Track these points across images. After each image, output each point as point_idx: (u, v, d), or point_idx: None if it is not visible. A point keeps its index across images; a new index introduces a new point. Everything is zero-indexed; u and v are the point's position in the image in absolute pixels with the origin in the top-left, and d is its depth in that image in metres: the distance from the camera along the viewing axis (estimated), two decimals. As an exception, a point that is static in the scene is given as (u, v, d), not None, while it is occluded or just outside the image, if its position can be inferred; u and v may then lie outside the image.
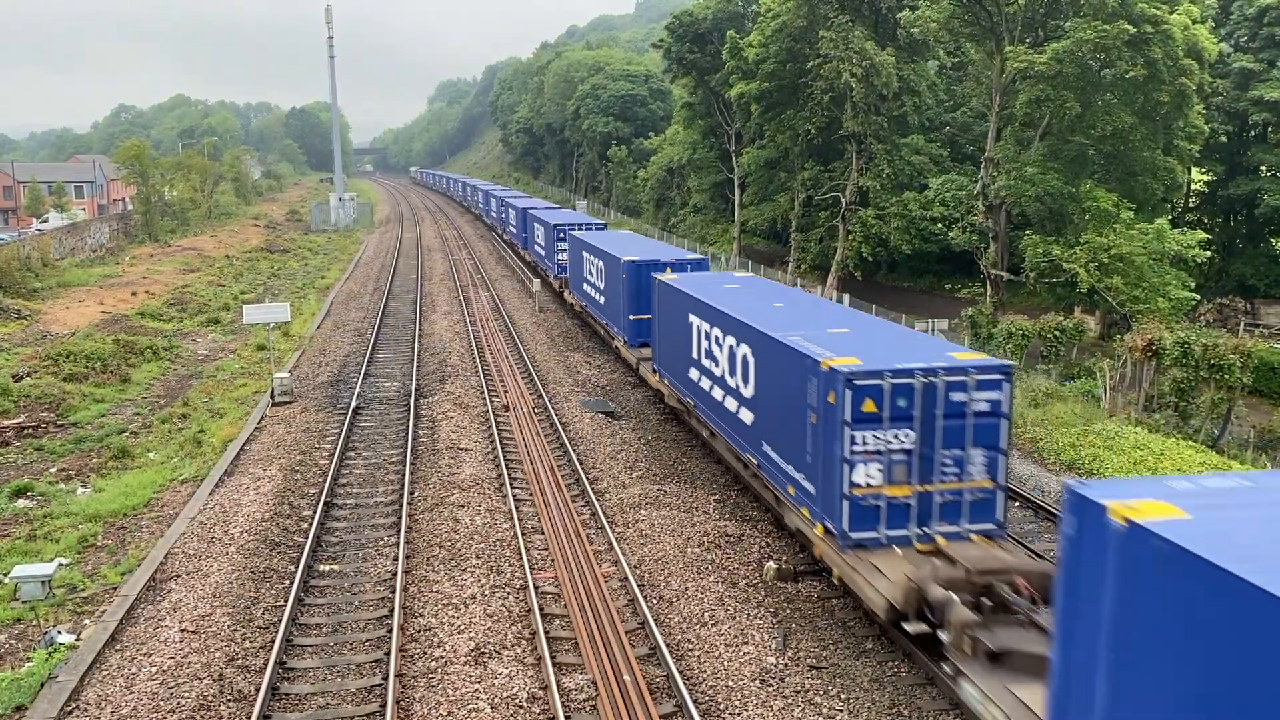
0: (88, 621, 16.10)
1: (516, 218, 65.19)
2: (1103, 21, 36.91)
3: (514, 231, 67.13)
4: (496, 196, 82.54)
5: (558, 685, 13.81)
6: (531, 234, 56.84)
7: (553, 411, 27.97)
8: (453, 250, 75.04)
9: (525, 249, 60.69)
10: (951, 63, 59.11)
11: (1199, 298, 40.91)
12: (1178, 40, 37.57)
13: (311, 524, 19.77)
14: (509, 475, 22.84)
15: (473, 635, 15.39)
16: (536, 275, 54.21)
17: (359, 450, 25.15)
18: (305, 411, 28.69)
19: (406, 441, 25.28)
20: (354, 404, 28.95)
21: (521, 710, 13.41)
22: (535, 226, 54.79)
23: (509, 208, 70.88)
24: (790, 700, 13.54)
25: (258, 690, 13.75)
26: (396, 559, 18.22)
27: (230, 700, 13.61)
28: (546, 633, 15.28)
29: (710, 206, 76.38)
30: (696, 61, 65.45)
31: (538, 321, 43.23)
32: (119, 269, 62.03)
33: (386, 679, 13.92)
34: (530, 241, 57.70)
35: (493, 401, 29.42)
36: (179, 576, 17.64)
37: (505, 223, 73.56)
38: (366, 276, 60.78)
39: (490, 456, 24.46)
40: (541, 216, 53.33)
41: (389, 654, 14.59)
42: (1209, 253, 40.84)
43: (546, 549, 18.89)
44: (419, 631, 15.58)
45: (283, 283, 58.36)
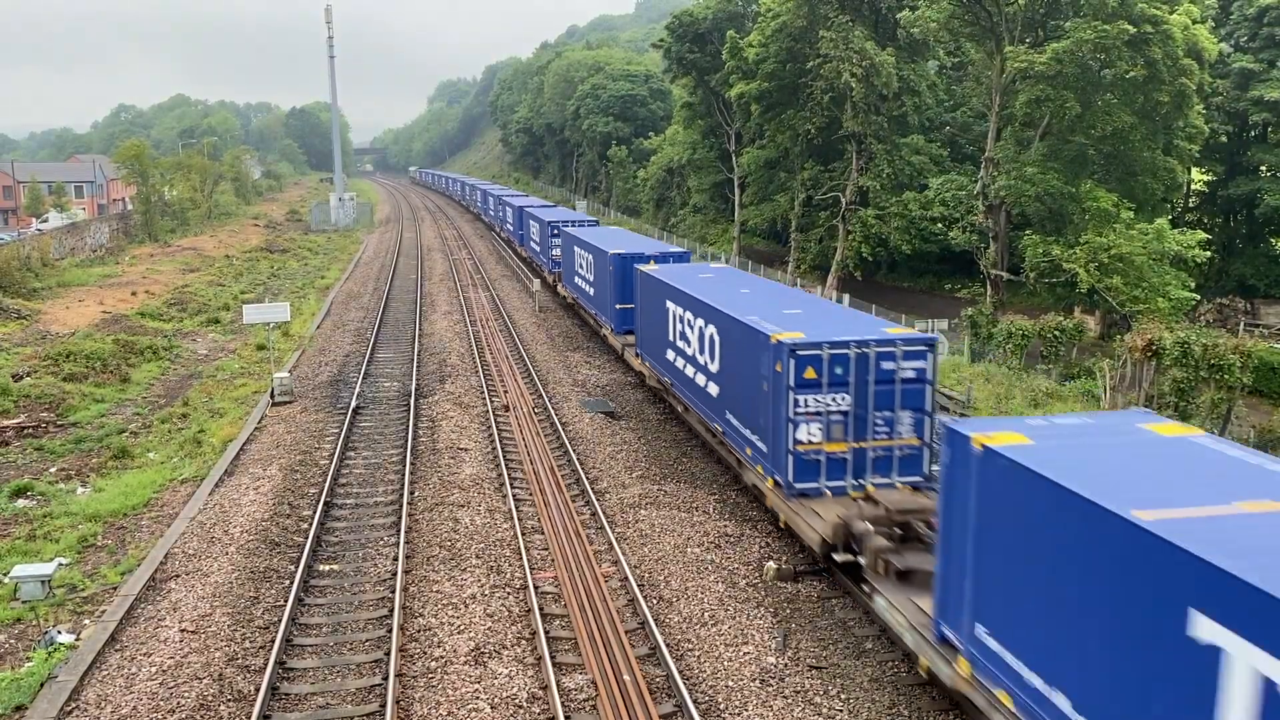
0: (87, 621, 16.10)
1: (513, 215, 67.38)
2: (1103, 21, 36.91)
3: (511, 229, 69.31)
4: (494, 195, 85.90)
5: (558, 685, 13.82)
6: (527, 231, 59.11)
7: (553, 411, 27.97)
8: (452, 250, 75.08)
9: (522, 245, 63.00)
10: (951, 63, 59.04)
11: (1199, 298, 40.89)
12: (1178, 40, 37.56)
13: (311, 524, 19.77)
14: (509, 475, 22.84)
15: (473, 635, 15.39)
16: (536, 275, 54.35)
17: (359, 450, 25.15)
18: (305, 411, 28.69)
19: (406, 441, 25.28)
20: (354, 404, 28.95)
21: (521, 710, 13.41)
22: (530, 223, 57.12)
23: (506, 206, 73.64)
24: (790, 700, 13.54)
25: (257, 690, 13.75)
26: (396, 559, 18.22)
27: (230, 700, 13.62)
28: (546, 633, 15.28)
29: (710, 206, 76.36)
30: (696, 61, 65.44)
31: (538, 321, 43.24)
32: (119, 269, 62.02)
33: (386, 679, 13.92)
34: (526, 238, 59.96)
35: (493, 401, 29.42)
36: (179, 576, 17.64)
37: (503, 220, 76.28)
38: (366, 276, 60.78)
39: (490, 456, 24.46)
40: (536, 214, 55.77)
41: (389, 654, 14.59)
42: (1209, 253, 40.82)
43: (546, 549, 18.90)
44: (419, 631, 15.58)
45: (283, 283, 58.35)
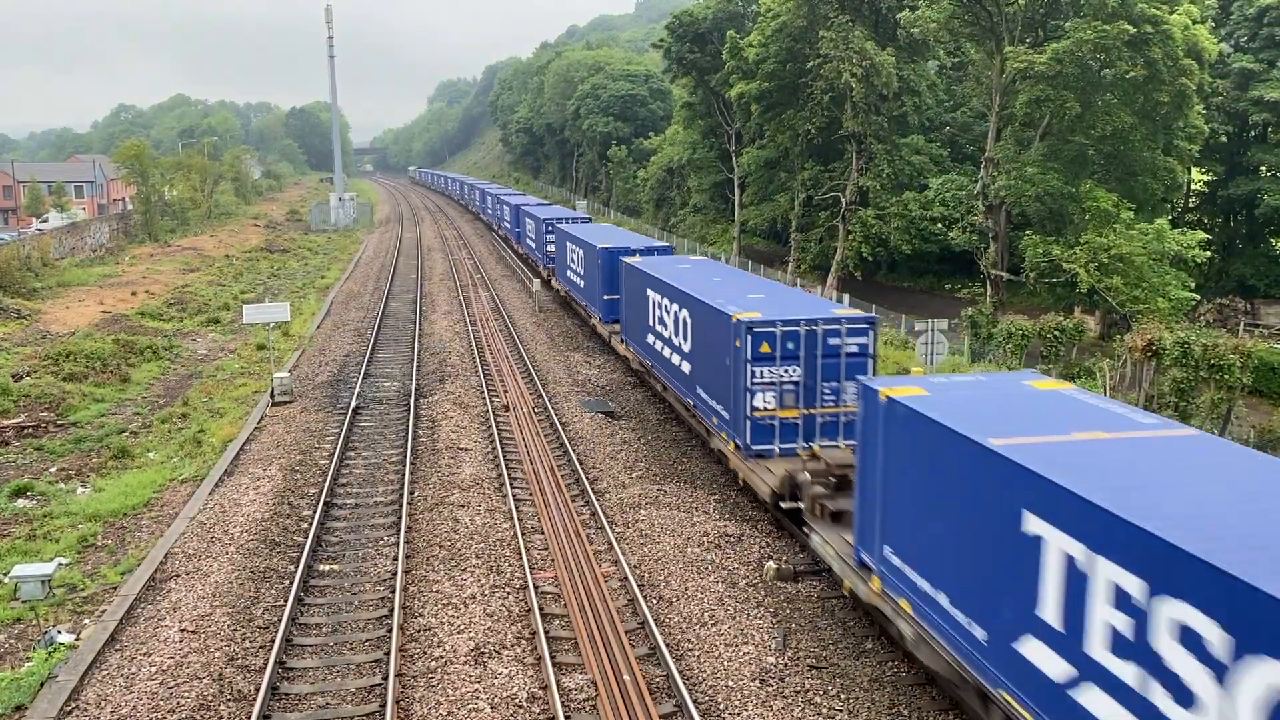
0: (87, 621, 16.10)
1: (510, 213, 69.61)
2: (1103, 22, 36.91)
3: (508, 226, 71.45)
4: (492, 194, 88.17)
5: (557, 685, 13.81)
6: (523, 228, 61.51)
7: (552, 411, 27.97)
8: (452, 250, 75.09)
9: (518, 243, 64.98)
10: (951, 63, 59.05)
11: (1199, 298, 40.89)
12: (1178, 40, 37.57)
13: (311, 524, 19.76)
14: (509, 475, 22.84)
15: (472, 635, 15.39)
16: (536, 275, 54.36)
17: (359, 450, 25.14)
18: (305, 411, 28.68)
19: (406, 441, 25.27)
20: (354, 404, 28.95)
21: (521, 710, 13.41)
22: (526, 221, 59.60)
23: (504, 205, 75.75)
24: (790, 700, 13.53)
25: (257, 690, 13.75)
26: (396, 559, 18.21)
27: (230, 700, 13.61)
28: (546, 632, 15.27)
29: (710, 206, 76.34)
30: (696, 61, 65.44)
31: (538, 321, 43.23)
32: (119, 269, 62.02)
33: (386, 679, 13.92)
34: (522, 235, 62.39)
35: (492, 401, 29.42)
36: (179, 576, 17.64)
37: (500, 219, 78.38)
38: (366, 276, 60.78)
39: (490, 456, 24.46)
40: (532, 212, 58.05)
41: (389, 654, 14.58)
42: (1209, 253, 40.84)
43: (546, 549, 18.89)
44: (419, 631, 15.58)
45: (283, 282, 58.35)
